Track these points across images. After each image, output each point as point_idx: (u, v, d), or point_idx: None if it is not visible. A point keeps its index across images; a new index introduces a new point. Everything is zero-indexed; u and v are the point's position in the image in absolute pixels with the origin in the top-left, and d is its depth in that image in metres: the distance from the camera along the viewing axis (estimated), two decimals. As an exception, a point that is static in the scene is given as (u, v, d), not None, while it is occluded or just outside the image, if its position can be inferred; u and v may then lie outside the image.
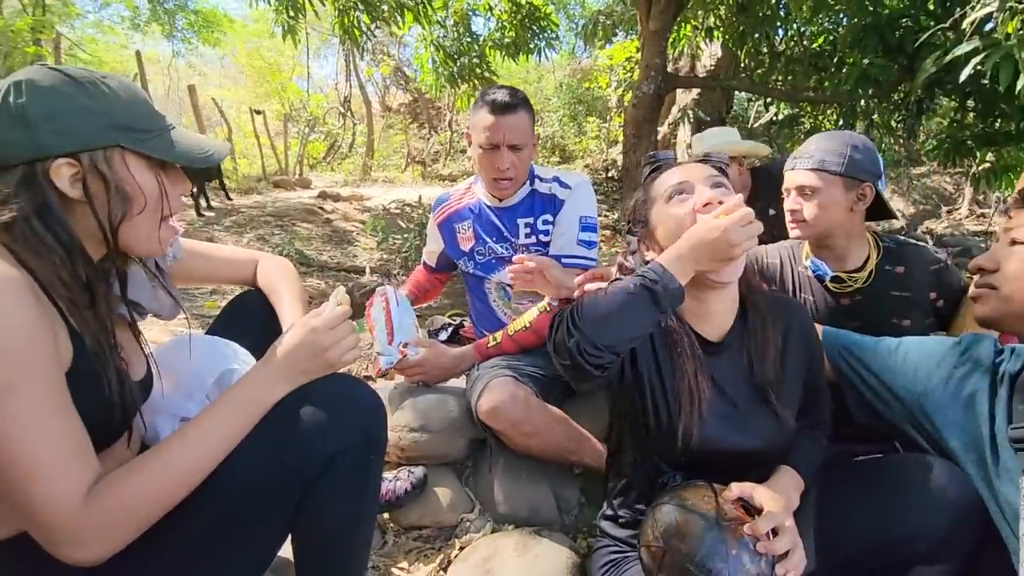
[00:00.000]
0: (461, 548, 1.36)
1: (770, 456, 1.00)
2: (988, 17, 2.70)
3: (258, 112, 10.08)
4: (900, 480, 0.92)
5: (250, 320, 1.23)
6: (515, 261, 1.53)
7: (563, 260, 1.62)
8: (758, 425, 0.99)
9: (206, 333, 1.27)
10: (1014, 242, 0.90)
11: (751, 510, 0.88)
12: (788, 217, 1.42)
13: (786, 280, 1.51)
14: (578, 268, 1.62)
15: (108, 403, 0.77)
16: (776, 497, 0.89)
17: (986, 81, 2.76)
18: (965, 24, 2.81)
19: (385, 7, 5.05)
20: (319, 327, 0.87)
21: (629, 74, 7.40)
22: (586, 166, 9.42)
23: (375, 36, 6.30)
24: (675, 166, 1.05)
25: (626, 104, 6.56)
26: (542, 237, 1.67)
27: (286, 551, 1.15)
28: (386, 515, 1.47)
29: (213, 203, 5.90)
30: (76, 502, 0.68)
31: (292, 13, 4.79)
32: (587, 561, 1.25)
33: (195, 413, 0.98)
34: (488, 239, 1.71)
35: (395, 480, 1.46)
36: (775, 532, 0.84)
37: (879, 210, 1.41)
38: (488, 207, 1.72)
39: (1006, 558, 0.85)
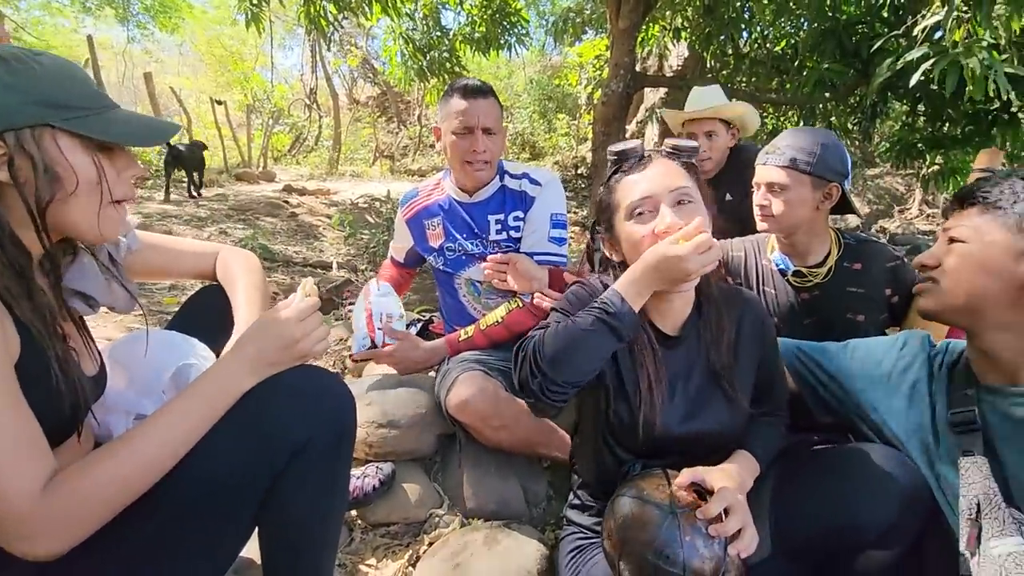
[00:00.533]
0: (430, 544, 1.35)
1: (726, 440, 1.03)
2: (938, 25, 2.83)
3: (219, 102, 9.77)
4: (852, 469, 0.95)
5: (210, 315, 1.19)
6: (489, 260, 1.54)
7: (535, 257, 1.63)
8: (713, 411, 1.02)
9: (165, 328, 1.23)
10: (952, 240, 0.95)
11: (704, 494, 0.91)
12: (757, 211, 1.46)
13: (750, 273, 1.56)
14: (549, 265, 1.64)
15: (56, 397, 0.74)
16: (727, 478, 0.92)
17: (935, 87, 2.88)
18: (916, 31, 2.94)
19: (353, -3, 4.95)
20: (290, 318, 0.86)
21: (599, 72, 7.47)
22: (556, 163, 9.47)
23: (342, 27, 6.18)
24: (640, 165, 1.00)
25: (595, 102, 6.62)
26: (513, 233, 1.67)
27: (249, 551, 1.13)
28: (353, 512, 1.45)
29: (172, 194, 5.70)
30: (32, 496, 0.65)
31: (255, 1, 4.65)
32: (555, 551, 1.26)
33: (151, 411, 0.95)
34: (458, 235, 1.70)
35: (363, 477, 1.44)
36: (727, 512, 0.86)
37: (842, 206, 1.47)
38: (458, 203, 1.71)
39: (948, 539, 0.90)
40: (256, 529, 0.90)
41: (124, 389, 0.98)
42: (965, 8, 2.62)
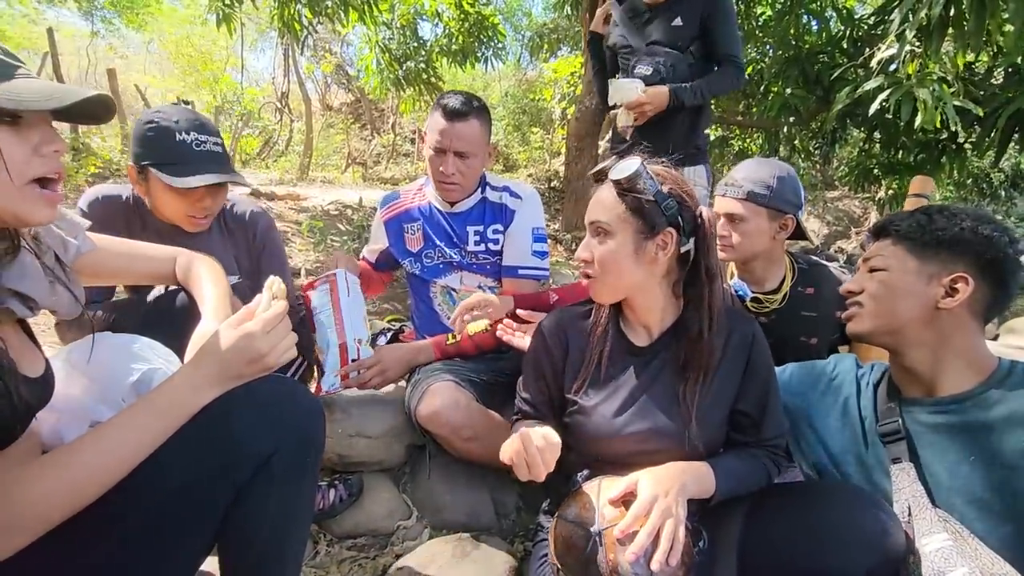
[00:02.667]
0: (397, 556, 1.33)
1: (676, 457, 1.00)
2: (893, 58, 3.00)
3: (187, 103, 9.51)
4: (826, 512, 0.91)
5: (174, 318, 1.15)
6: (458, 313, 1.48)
7: (519, 271, 1.65)
8: (665, 426, 1.01)
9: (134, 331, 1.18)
10: (872, 269, 1.04)
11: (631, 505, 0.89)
12: (717, 242, 1.48)
13: None
14: (532, 279, 1.65)
15: None
16: (654, 482, 0.90)
17: (890, 115, 3.04)
18: (873, 63, 3.11)
19: (328, 2, 4.92)
20: (256, 332, 0.81)
21: (573, 88, 7.59)
22: (529, 175, 9.54)
23: (316, 32, 6.13)
24: (596, 187, 1.07)
25: (569, 117, 6.72)
26: (491, 246, 1.68)
27: (208, 566, 1.09)
28: (315, 526, 1.41)
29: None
30: None
31: (228, 1, 4.58)
32: (524, 564, 1.26)
33: (108, 416, 0.91)
34: (438, 242, 1.70)
35: (328, 488, 1.41)
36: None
37: (796, 233, 1.51)
38: (439, 211, 1.71)
39: None
40: (216, 545, 0.87)
41: (80, 395, 0.94)
42: (917, 43, 2.78)
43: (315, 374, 1.45)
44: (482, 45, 6.13)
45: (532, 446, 0.92)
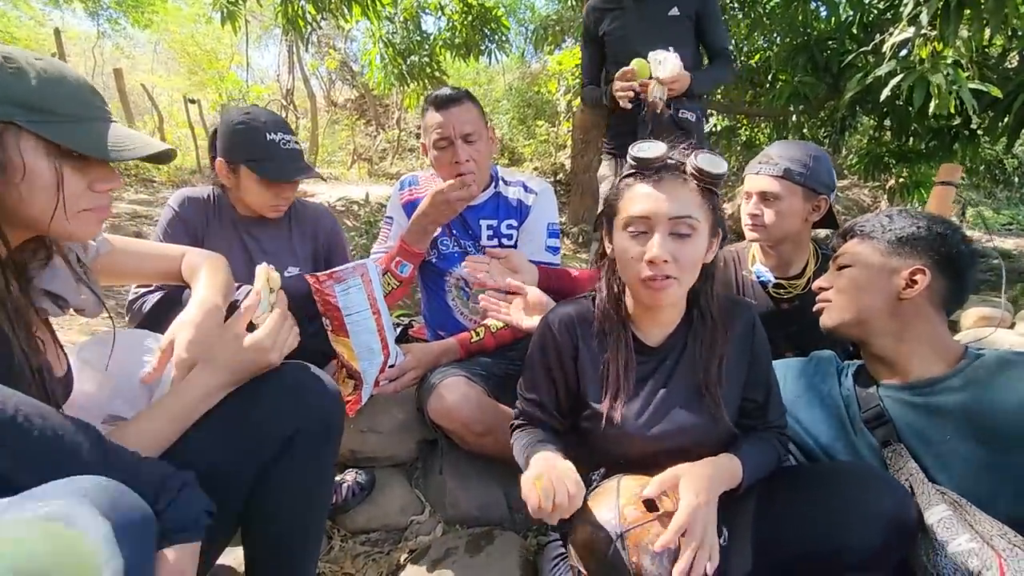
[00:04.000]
0: (411, 551, 1.33)
1: (702, 454, 0.99)
2: (905, 42, 2.94)
3: (192, 101, 9.54)
4: (838, 489, 0.92)
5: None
6: (474, 257, 1.51)
7: None
8: (687, 421, 1.00)
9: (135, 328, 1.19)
10: (840, 267, 1.12)
11: (654, 505, 0.89)
12: (747, 220, 1.46)
13: (729, 284, 1.57)
14: None
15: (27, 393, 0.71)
16: (692, 492, 0.87)
17: (901, 102, 2.99)
18: (885, 48, 3.05)
19: (332, -2, 4.90)
20: (266, 346, 0.88)
21: (578, 80, 7.54)
22: (535, 168, 9.51)
23: (320, 28, 6.11)
24: (654, 176, 0.94)
25: (574, 110, 6.67)
26: (504, 241, 1.67)
27: (226, 558, 1.10)
28: (329, 521, 1.42)
29: (141, 195, 5.53)
30: None
31: (232, -1, 4.57)
32: (538, 558, 1.25)
33: (124, 411, 0.93)
34: (453, 230, 1.69)
35: (341, 483, 1.41)
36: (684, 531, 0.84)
37: (826, 220, 1.48)
38: None
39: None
40: (240, 531, 0.91)
41: (94, 391, 0.94)
42: (931, 26, 2.73)
43: (346, 384, 1.28)
44: (485, 38, 6.09)
45: (564, 491, 0.81)
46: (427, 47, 6.07)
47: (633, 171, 0.96)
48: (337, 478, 1.43)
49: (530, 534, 1.42)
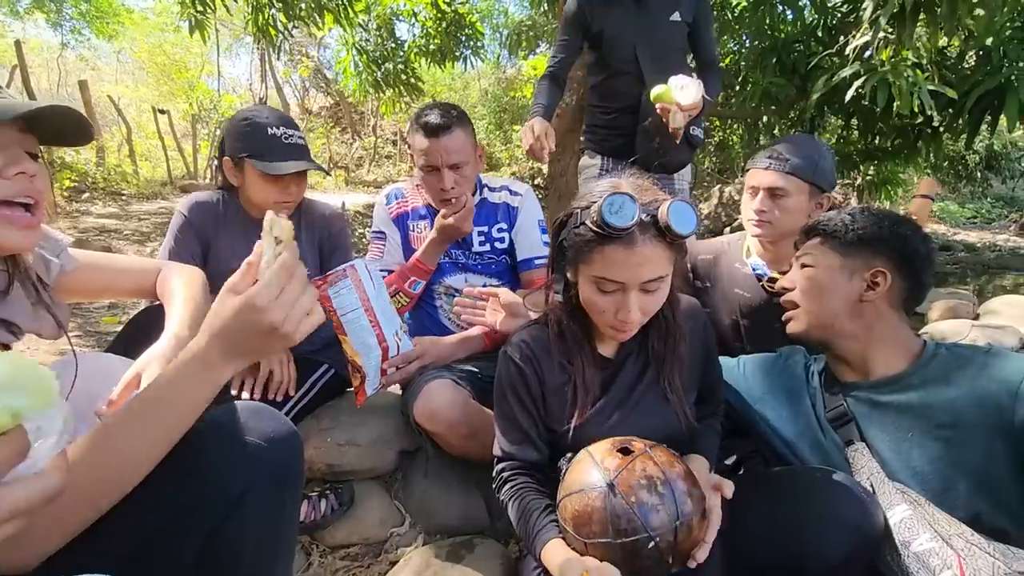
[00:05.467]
0: (391, 564, 1.32)
1: (679, 446, 1.02)
2: (868, 45, 3.03)
3: (162, 111, 9.37)
4: (806, 497, 0.94)
5: (156, 336, 1.12)
6: (465, 294, 1.49)
7: (535, 263, 1.66)
8: (658, 423, 1.03)
9: (106, 351, 1.15)
10: (803, 266, 1.12)
11: (628, 450, 0.89)
12: (751, 216, 1.45)
13: (721, 276, 1.57)
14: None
15: None
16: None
17: (866, 102, 3.07)
18: (848, 50, 3.13)
19: (303, 5, 4.86)
20: (259, 301, 0.66)
21: (553, 85, 7.57)
22: (512, 174, 9.54)
23: (292, 36, 6.06)
24: (626, 241, 0.89)
25: (550, 114, 6.71)
26: (497, 245, 1.69)
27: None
28: (307, 537, 1.39)
29: (110, 208, 5.41)
30: None
31: (200, 7, 4.50)
32: (520, 564, 1.25)
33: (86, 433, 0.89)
34: None
35: (319, 499, 1.39)
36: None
37: None
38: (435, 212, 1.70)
39: None
40: None
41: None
42: (890, 29, 2.81)
43: (355, 377, 1.30)
44: (460, 44, 6.11)
45: None
46: (401, 54, 6.06)
47: (603, 232, 0.89)
48: (315, 494, 1.41)
49: (511, 541, 1.42)
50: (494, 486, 1.07)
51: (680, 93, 1.76)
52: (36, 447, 0.45)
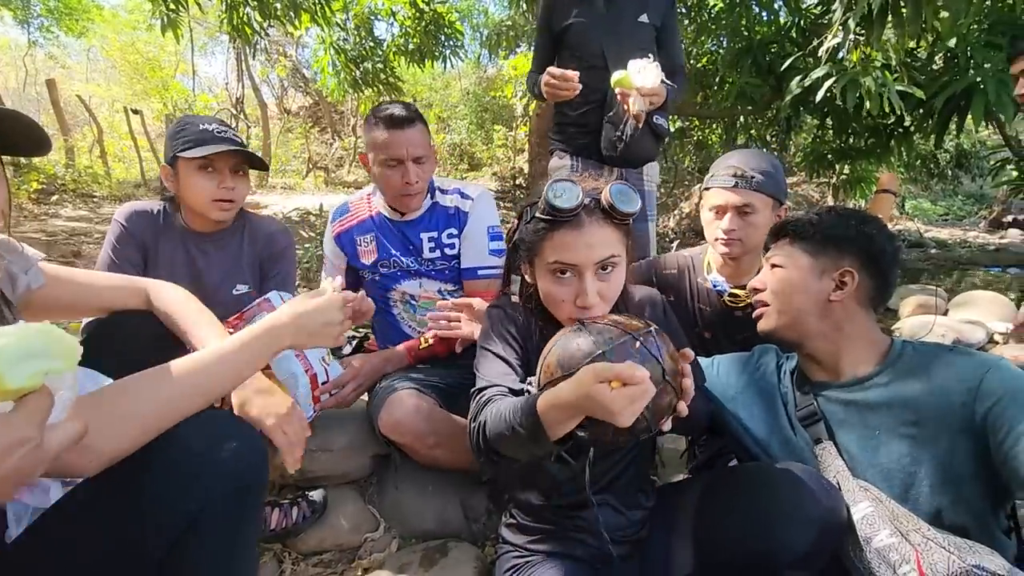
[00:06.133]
0: (365, 570, 1.30)
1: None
2: (839, 46, 3.08)
3: (135, 111, 9.16)
4: (771, 491, 0.95)
5: (125, 345, 1.07)
6: (440, 307, 1.46)
7: (478, 272, 1.63)
8: None
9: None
10: (774, 266, 1.13)
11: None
12: (720, 235, 1.43)
13: (683, 290, 1.59)
14: (493, 278, 1.63)
15: None
16: None
17: (840, 102, 3.13)
18: (820, 52, 3.18)
19: (278, 5, 4.79)
20: (337, 303, 0.97)
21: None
22: (494, 173, 9.53)
23: (268, 35, 5.97)
24: (574, 224, 0.93)
25: (531, 114, 6.72)
26: (448, 251, 1.66)
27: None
28: (279, 545, 1.37)
29: (80, 211, 5.27)
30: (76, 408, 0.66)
31: (172, 6, 4.41)
32: (494, 567, 1.24)
33: None
34: (393, 251, 1.67)
35: (291, 507, 1.37)
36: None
37: None
38: (390, 221, 1.68)
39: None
40: None
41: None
42: (860, 32, 2.86)
43: None
44: (440, 44, 6.07)
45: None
46: (380, 53, 6.00)
47: (551, 218, 0.94)
48: (286, 501, 1.39)
49: (487, 544, 1.41)
50: (471, 413, 0.98)
51: (638, 76, 1.77)
52: (56, 399, 0.55)
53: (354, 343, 2.04)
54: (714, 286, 1.54)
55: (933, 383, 0.95)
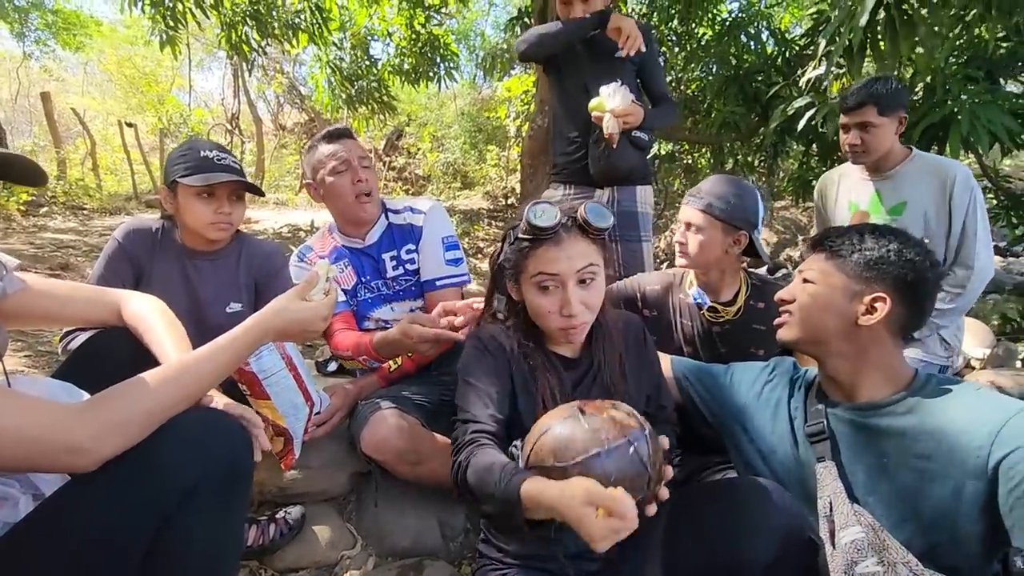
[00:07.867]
0: (341, 589, 1.29)
1: None
2: (821, 78, 3.18)
3: (130, 125, 9.18)
4: (736, 505, 0.97)
5: (106, 362, 1.08)
6: (443, 309, 1.44)
7: (437, 283, 1.67)
8: None
9: (53, 376, 1.10)
10: (805, 280, 1.10)
11: (584, 410, 0.91)
12: (677, 248, 1.58)
13: (666, 306, 1.64)
14: (452, 287, 1.67)
15: None
16: None
17: (823, 130, 3.21)
18: (802, 82, 3.28)
19: (276, 24, 4.86)
20: (322, 313, 1.03)
21: (526, 106, 7.72)
22: (486, 192, 9.62)
23: (266, 53, 6.04)
24: (554, 240, 1.03)
25: (523, 135, 6.81)
26: (408, 266, 1.70)
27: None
28: (256, 561, 1.36)
29: (70, 223, 5.25)
30: (72, 412, 0.75)
31: (171, 24, 4.47)
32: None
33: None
34: (365, 274, 1.72)
35: (269, 523, 1.36)
36: None
37: (749, 251, 1.56)
38: (350, 249, 1.72)
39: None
40: None
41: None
42: (842, 64, 2.96)
43: (276, 442, 1.30)
44: (435, 65, 6.17)
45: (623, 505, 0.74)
46: (375, 72, 6.09)
47: (532, 236, 1.03)
48: (264, 517, 1.38)
49: (463, 562, 1.41)
50: (454, 446, 1.02)
51: (610, 99, 1.92)
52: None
53: (336, 364, 2.05)
54: (695, 299, 1.59)
55: (953, 420, 0.92)
